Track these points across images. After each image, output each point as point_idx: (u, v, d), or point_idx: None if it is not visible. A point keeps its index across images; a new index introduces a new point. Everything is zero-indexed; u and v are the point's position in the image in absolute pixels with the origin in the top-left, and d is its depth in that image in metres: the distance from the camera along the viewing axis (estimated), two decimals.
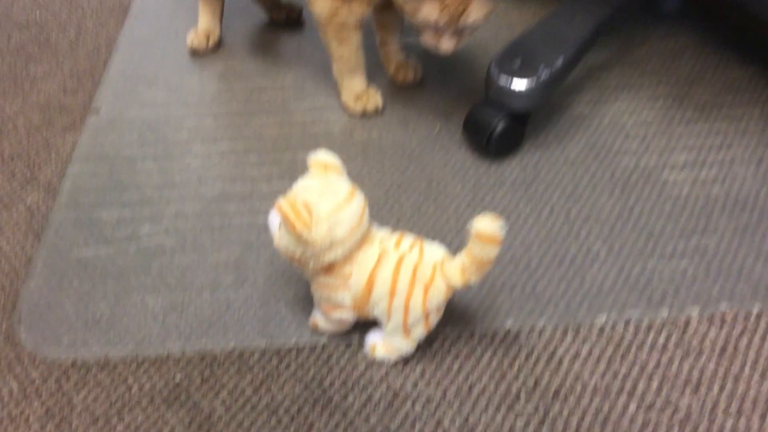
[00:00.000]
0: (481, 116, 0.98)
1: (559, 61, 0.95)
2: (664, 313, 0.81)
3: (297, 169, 1.00)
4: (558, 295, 0.83)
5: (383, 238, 0.73)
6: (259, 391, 0.76)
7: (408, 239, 0.73)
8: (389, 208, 0.95)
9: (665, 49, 1.18)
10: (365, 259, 0.71)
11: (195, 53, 1.22)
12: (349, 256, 0.71)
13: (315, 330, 0.80)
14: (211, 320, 0.82)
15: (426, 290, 0.70)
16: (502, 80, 0.94)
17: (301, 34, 1.26)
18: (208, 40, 1.22)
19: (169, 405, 0.75)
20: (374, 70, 1.14)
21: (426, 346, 0.78)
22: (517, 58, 0.96)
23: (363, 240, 0.71)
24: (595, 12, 1.02)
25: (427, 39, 0.94)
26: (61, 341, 0.81)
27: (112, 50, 1.24)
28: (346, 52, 1.04)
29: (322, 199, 0.68)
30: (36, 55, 1.24)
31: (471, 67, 1.16)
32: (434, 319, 0.74)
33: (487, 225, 0.66)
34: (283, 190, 0.95)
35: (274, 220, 0.71)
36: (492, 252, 0.67)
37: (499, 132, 0.96)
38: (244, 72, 1.18)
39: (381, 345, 0.77)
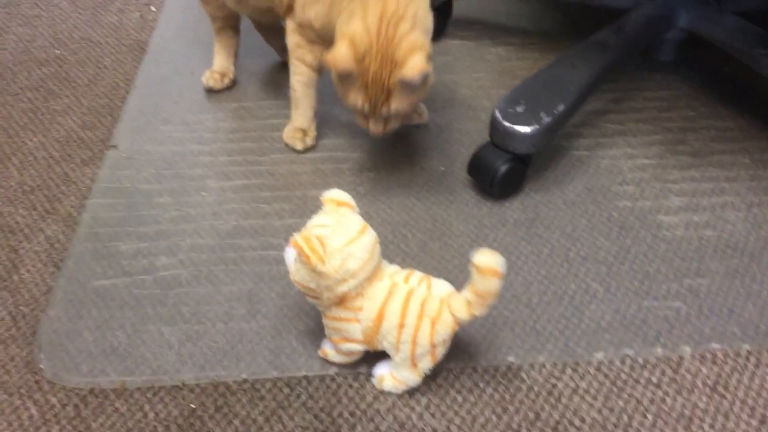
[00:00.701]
0: (485, 159, 1.02)
1: (561, 108, 1.00)
2: (658, 351, 0.85)
3: (308, 206, 1.04)
4: (557, 332, 0.87)
5: (393, 273, 0.77)
6: (270, 421, 0.79)
7: (416, 275, 0.77)
8: (396, 245, 0.99)
9: (660, 97, 1.23)
10: (376, 293, 0.75)
11: (210, 92, 1.27)
12: (360, 290, 0.75)
13: (325, 359, 0.83)
14: (225, 350, 0.86)
15: (433, 324, 0.74)
16: (506, 125, 0.99)
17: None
18: (223, 79, 1.27)
19: None
20: None
21: (431, 379, 0.82)
22: (520, 104, 1.01)
23: (374, 274, 0.75)
24: (595, 61, 1.08)
25: (359, 121, 1.00)
26: (79, 369, 0.84)
27: (129, 87, 1.29)
28: (295, 84, 1.11)
29: (335, 233, 0.72)
30: (56, 90, 1.29)
31: (474, 110, 1.21)
32: (441, 352, 0.77)
33: (487, 259, 0.70)
34: (295, 225, 1.00)
35: (289, 254, 0.75)
36: (494, 285, 0.71)
37: (502, 174, 1.01)
38: (257, 111, 1.23)
39: (389, 377, 0.80)
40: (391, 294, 0.75)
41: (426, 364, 0.78)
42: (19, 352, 0.86)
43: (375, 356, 0.80)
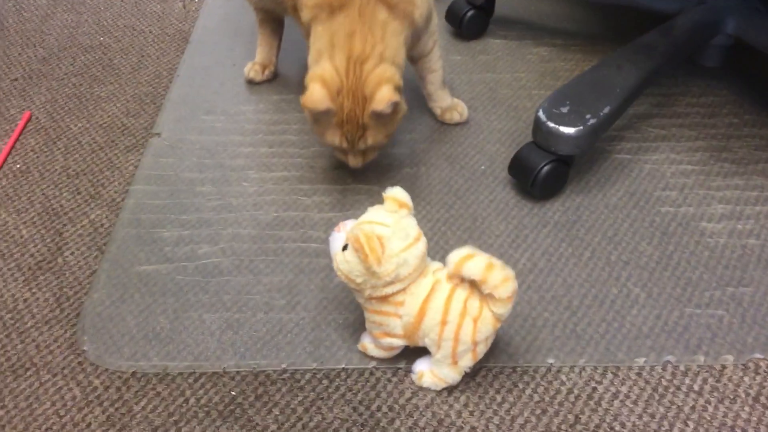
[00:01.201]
0: (527, 159, 1.02)
1: (605, 110, 1.00)
2: (700, 359, 0.84)
3: (347, 200, 1.04)
4: (598, 335, 0.86)
5: (435, 270, 0.77)
6: (309, 411, 0.79)
7: None
8: (435, 242, 0.99)
9: (705, 102, 1.22)
10: (418, 290, 0.75)
11: (251, 83, 1.28)
12: (400, 292, 0.75)
13: (364, 353, 0.84)
14: (265, 340, 0.86)
15: (475, 322, 0.74)
16: (550, 125, 0.98)
17: None
18: (264, 71, 1.28)
19: (224, 419, 0.78)
20: (425, 111, 1.19)
21: (470, 377, 0.82)
22: (564, 105, 1.00)
23: (413, 280, 0.76)
24: (642, 64, 1.07)
25: (338, 155, 1.03)
26: (122, 352, 0.85)
27: (172, 77, 1.30)
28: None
29: (395, 236, 0.73)
30: (100, 77, 1.31)
31: (515, 110, 1.21)
32: (482, 350, 0.77)
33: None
34: (335, 219, 1.01)
35: (336, 241, 0.75)
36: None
37: (544, 175, 1.00)
38: (297, 104, 1.23)
39: (428, 373, 0.80)
40: (433, 291, 0.75)
41: (466, 362, 0.77)
42: (62, 334, 0.87)
43: (414, 351, 0.81)
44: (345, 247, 0.74)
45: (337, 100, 0.93)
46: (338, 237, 0.75)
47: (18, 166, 1.12)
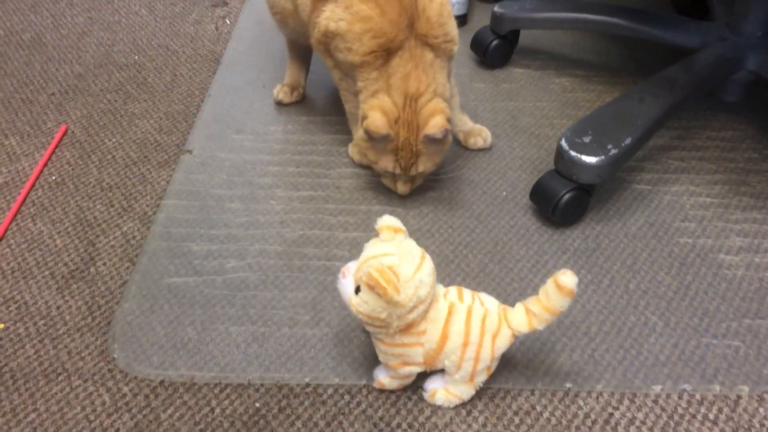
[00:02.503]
0: (548, 186, 1.04)
1: (627, 141, 1.02)
2: (716, 388, 0.85)
3: (371, 221, 1.07)
4: (616, 362, 0.88)
5: (446, 292, 0.79)
6: (331, 425, 0.81)
7: (466, 292, 0.80)
8: (456, 265, 1.01)
9: (724, 137, 1.24)
10: (437, 315, 0.77)
11: (280, 104, 1.31)
12: (423, 314, 0.76)
13: (382, 389, 0.85)
14: (289, 354, 0.89)
15: (494, 339, 0.76)
16: (572, 154, 1.01)
17: None
18: (293, 93, 1.31)
19: (248, 429, 0.81)
20: None
21: (489, 399, 0.84)
22: (587, 135, 1.03)
23: (433, 298, 0.77)
24: (663, 97, 1.09)
25: (386, 182, 1.11)
26: (151, 361, 0.88)
27: (204, 96, 1.34)
28: (350, 108, 1.16)
29: (403, 262, 0.73)
30: (134, 94, 1.35)
31: (537, 138, 1.24)
32: (495, 365, 0.79)
33: (570, 279, 0.72)
34: (359, 239, 1.03)
35: (346, 287, 0.75)
36: (566, 303, 0.74)
37: (565, 202, 1.03)
38: (324, 125, 1.27)
39: (442, 391, 0.82)
40: (451, 314, 0.77)
41: (482, 378, 0.80)
42: (93, 341, 0.90)
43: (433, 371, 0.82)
44: (357, 290, 0.74)
45: (394, 128, 1.01)
46: (347, 282, 0.75)
47: (53, 177, 1.16)
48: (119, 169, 1.17)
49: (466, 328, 0.76)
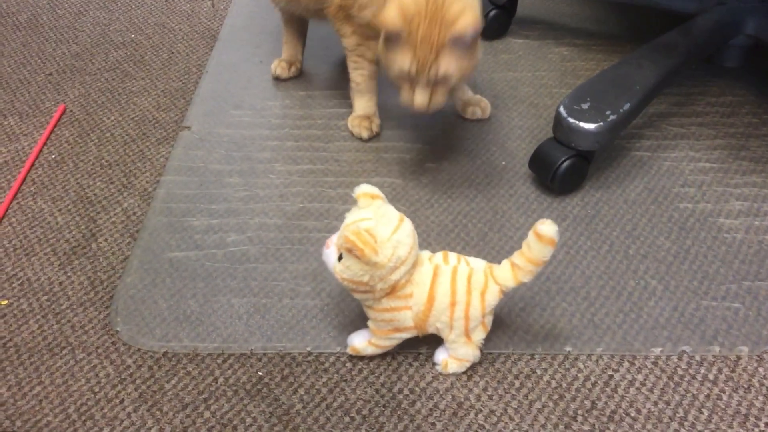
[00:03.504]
0: (547, 154, 1.04)
1: (625, 107, 1.02)
2: (715, 349, 0.86)
3: None
4: (615, 325, 0.88)
5: (431, 257, 0.80)
6: (333, 392, 0.82)
7: (452, 255, 0.81)
8: (456, 234, 1.01)
9: (724, 102, 1.23)
10: (422, 278, 0.78)
11: (278, 80, 1.31)
12: (408, 277, 0.77)
13: (357, 355, 0.85)
14: (291, 324, 0.89)
15: (482, 295, 0.77)
16: (570, 121, 1.01)
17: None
18: (290, 68, 1.31)
19: (251, 398, 0.81)
20: (446, 108, 1.22)
21: (489, 363, 0.84)
22: (585, 102, 1.02)
23: (415, 261, 0.78)
24: (662, 62, 1.09)
25: (404, 95, 0.99)
26: (154, 333, 0.89)
27: (201, 73, 1.34)
28: (357, 78, 1.15)
29: (380, 225, 0.75)
30: (132, 72, 1.35)
31: (536, 108, 1.23)
32: (489, 320, 0.80)
33: (548, 228, 0.73)
34: None
35: (330, 255, 0.77)
36: (547, 252, 0.75)
37: (564, 170, 1.03)
38: (322, 99, 1.27)
39: (451, 360, 0.82)
40: (436, 276, 0.78)
41: (479, 335, 0.80)
42: (96, 315, 0.91)
43: (434, 338, 0.83)
44: (340, 258, 0.75)
45: (412, 23, 0.92)
46: (330, 252, 0.77)
47: (53, 156, 1.16)
48: (118, 147, 1.17)
49: (452, 288, 0.77)
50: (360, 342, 0.84)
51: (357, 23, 1.08)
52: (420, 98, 0.97)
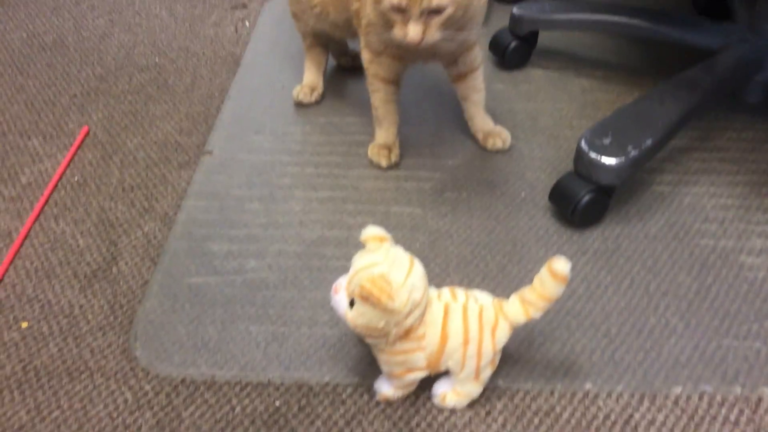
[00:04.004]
0: (568, 187, 1.04)
1: (647, 143, 1.02)
2: (737, 390, 0.85)
3: (390, 221, 1.07)
4: (636, 363, 0.87)
5: (439, 294, 0.80)
6: (350, 424, 0.82)
7: (459, 290, 0.80)
8: (475, 266, 1.01)
9: (746, 138, 1.23)
10: (433, 317, 0.77)
11: (299, 105, 1.32)
12: (420, 318, 0.76)
13: (385, 402, 0.84)
14: (309, 353, 0.89)
15: (493, 332, 0.77)
16: (591, 155, 1.01)
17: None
18: (312, 94, 1.32)
19: (268, 428, 0.81)
20: (467, 137, 1.22)
21: (508, 399, 0.84)
22: (607, 136, 1.02)
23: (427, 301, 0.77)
24: (684, 98, 1.09)
25: (396, 30, 0.93)
26: (172, 359, 0.89)
27: (224, 97, 1.35)
28: (375, 101, 1.15)
29: (393, 269, 0.73)
30: (155, 96, 1.36)
31: (556, 139, 1.23)
32: (498, 358, 0.80)
33: (562, 266, 0.73)
34: None
35: (340, 302, 0.75)
36: (560, 290, 0.75)
37: (584, 203, 1.02)
38: (344, 126, 1.27)
39: (451, 393, 0.82)
40: (447, 314, 0.77)
41: (487, 373, 0.80)
42: (116, 340, 0.91)
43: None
44: (351, 303, 0.74)
45: None
46: (340, 298, 0.75)
47: (76, 178, 1.17)
48: (140, 170, 1.18)
49: (464, 326, 0.77)
50: (388, 388, 0.83)
51: (364, 26, 1.08)
52: (413, 31, 0.91)
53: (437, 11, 0.91)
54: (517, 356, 0.88)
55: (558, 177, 1.07)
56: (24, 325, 0.93)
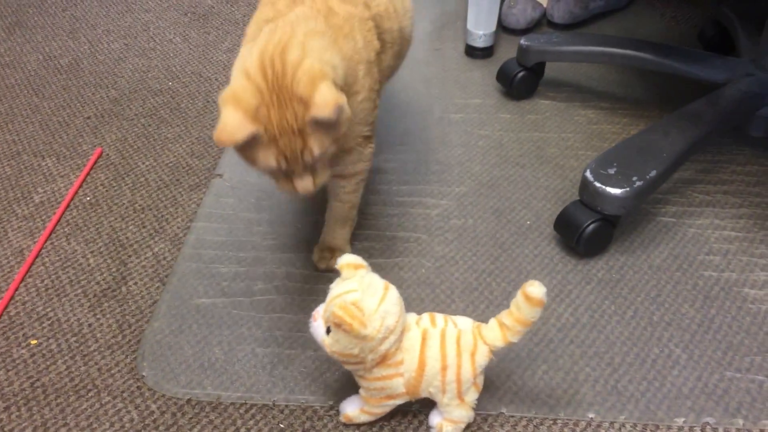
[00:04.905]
0: (573, 216, 1.05)
1: (652, 174, 1.03)
2: (739, 422, 0.85)
3: (396, 247, 1.09)
4: (639, 393, 0.88)
5: (418, 320, 0.80)
6: None
7: (439, 316, 0.81)
8: (479, 293, 1.02)
9: (749, 171, 1.24)
10: (411, 343, 0.78)
11: None
12: (397, 344, 0.77)
13: (349, 423, 0.84)
14: (314, 376, 0.90)
15: (472, 356, 0.77)
16: (597, 185, 1.02)
17: (404, 123, 1.37)
18: None
19: None
20: (475, 162, 1.23)
21: (511, 427, 0.84)
22: (612, 167, 1.04)
23: (404, 326, 0.78)
24: (689, 131, 1.10)
25: (282, 186, 0.82)
26: (179, 379, 0.90)
27: None
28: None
29: (366, 296, 0.75)
30: (168, 119, 1.39)
31: (562, 169, 1.25)
32: (481, 380, 0.80)
33: (538, 290, 0.74)
34: (383, 264, 1.05)
35: (318, 329, 0.77)
36: (536, 314, 0.75)
37: (589, 233, 1.03)
38: None
39: (446, 423, 0.82)
40: (425, 340, 0.78)
41: (472, 396, 0.80)
42: (123, 359, 0.92)
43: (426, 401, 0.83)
44: (328, 331, 0.75)
45: (259, 115, 0.74)
46: (318, 325, 0.77)
47: (88, 198, 1.19)
48: (152, 192, 1.20)
49: (442, 352, 0.77)
50: (353, 410, 0.84)
51: None
52: (303, 185, 0.80)
53: (322, 158, 0.80)
54: (520, 384, 0.89)
55: (563, 206, 1.08)
56: (33, 342, 0.95)
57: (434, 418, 0.83)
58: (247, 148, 0.76)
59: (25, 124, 1.37)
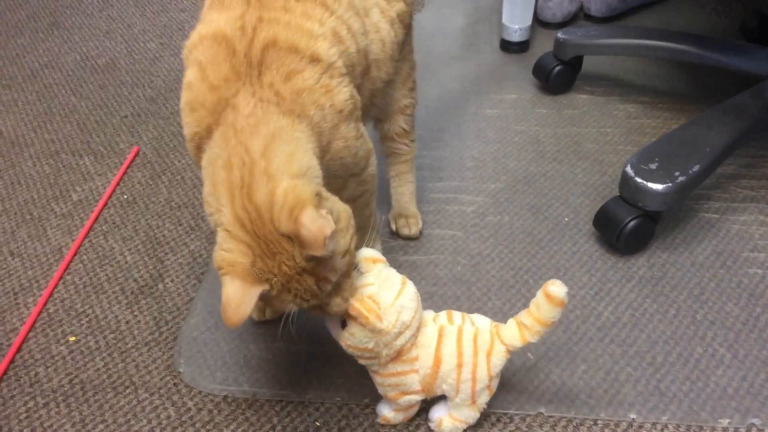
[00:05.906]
0: (613, 213, 1.03)
1: (695, 168, 1.00)
2: None
3: (432, 244, 1.08)
4: (682, 393, 0.86)
5: (435, 316, 0.79)
6: None
7: (457, 314, 0.79)
8: (517, 291, 1.00)
9: None
10: (427, 340, 0.77)
11: None
12: (413, 340, 0.76)
13: (388, 424, 0.84)
14: (349, 374, 0.89)
15: (488, 356, 0.76)
16: (638, 181, 1.00)
17: (438, 120, 1.36)
18: None
19: None
20: (510, 159, 1.22)
21: (550, 427, 0.82)
22: (653, 162, 1.01)
23: (420, 323, 0.77)
24: (732, 125, 1.07)
25: (315, 314, 0.74)
26: (215, 376, 0.90)
27: None
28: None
29: (383, 290, 0.74)
30: None
31: (601, 164, 1.22)
32: (495, 383, 0.78)
33: (558, 289, 0.72)
34: (419, 261, 1.03)
35: (334, 324, 0.76)
36: (557, 314, 0.74)
37: (630, 230, 1.01)
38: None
39: (447, 418, 0.81)
40: (441, 337, 0.77)
41: (484, 399, 0.79)
42: (161, 356, 0.93)
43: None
44: (344, 324, 0.74)
45: (258, 272, 0.66)
46: (334, 320, 0.76)
47: (125, 196, 1.20)
48: (188, 190, 1.21)
49: (458, 349, 0.76)
50: (389, 411, 0.83)
51: None
52: (336, 308, 0.72)
53: (338, 281, 0.70)
54: (560, 384, 0.87)
55: (602, 202, 1.06)
56: (72, 339, 0.96)
57: (435, 413, 0.83)
58: (263, 299, 0.69)
59: (63, 124, 1.39)
